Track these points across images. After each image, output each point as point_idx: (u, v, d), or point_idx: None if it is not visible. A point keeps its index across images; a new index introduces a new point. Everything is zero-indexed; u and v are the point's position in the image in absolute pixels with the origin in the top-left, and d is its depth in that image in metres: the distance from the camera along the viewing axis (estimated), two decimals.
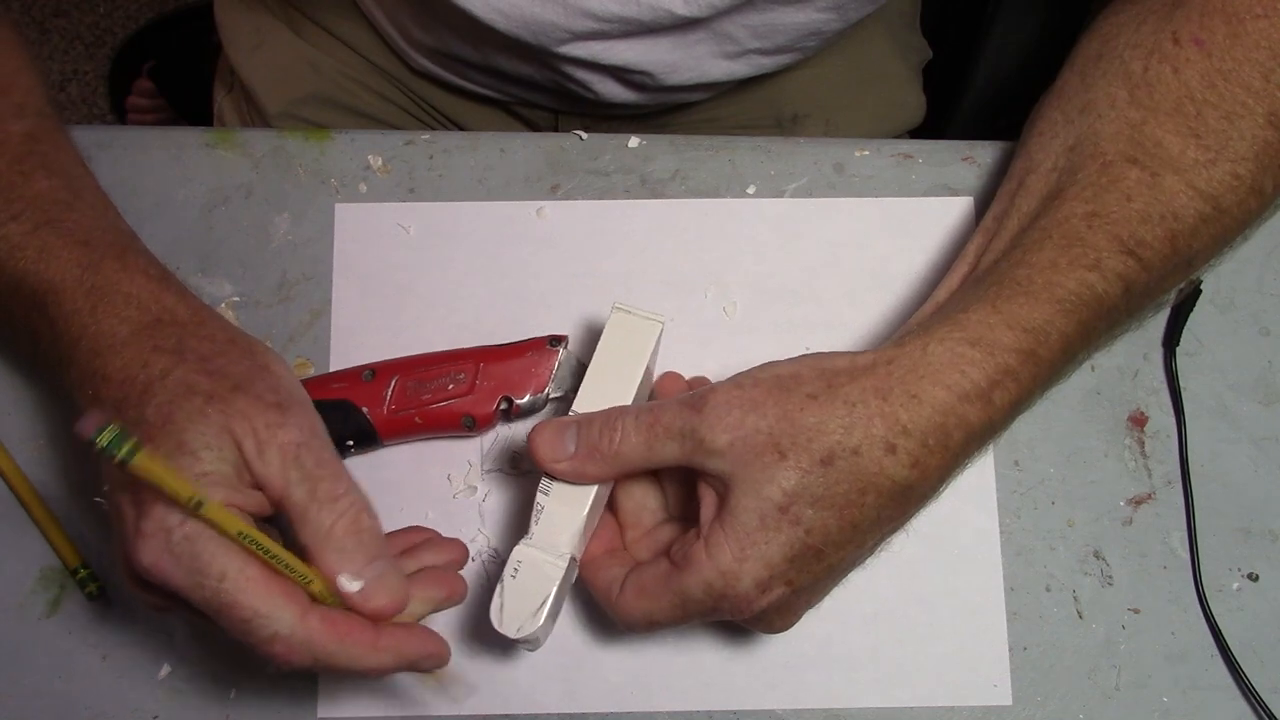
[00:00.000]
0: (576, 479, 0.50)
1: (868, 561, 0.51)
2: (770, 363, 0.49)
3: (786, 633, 0.57)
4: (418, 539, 0.55)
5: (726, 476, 0.46)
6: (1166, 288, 0.54)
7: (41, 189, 0.53)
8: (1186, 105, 0.52)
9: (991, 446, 0.60)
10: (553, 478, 0.51)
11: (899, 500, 0.47)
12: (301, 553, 0.46)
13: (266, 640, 0.45)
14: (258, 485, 0.46)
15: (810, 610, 0.51)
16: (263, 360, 0.50)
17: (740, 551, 0.46)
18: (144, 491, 0.45)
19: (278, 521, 0.49)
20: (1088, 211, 0.51)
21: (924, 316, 0.53)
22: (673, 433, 0.47)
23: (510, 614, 0.50)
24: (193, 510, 0.43)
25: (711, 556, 0.46)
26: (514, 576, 0.50)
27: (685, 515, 0.53)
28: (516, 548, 0.50)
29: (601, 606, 0.51)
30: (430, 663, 0.49)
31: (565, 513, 0.50)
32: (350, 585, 0.46)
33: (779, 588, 0.46)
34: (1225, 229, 0.53)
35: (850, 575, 0.50)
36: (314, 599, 0.46)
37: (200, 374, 0.47)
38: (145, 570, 0.45)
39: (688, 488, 0.52)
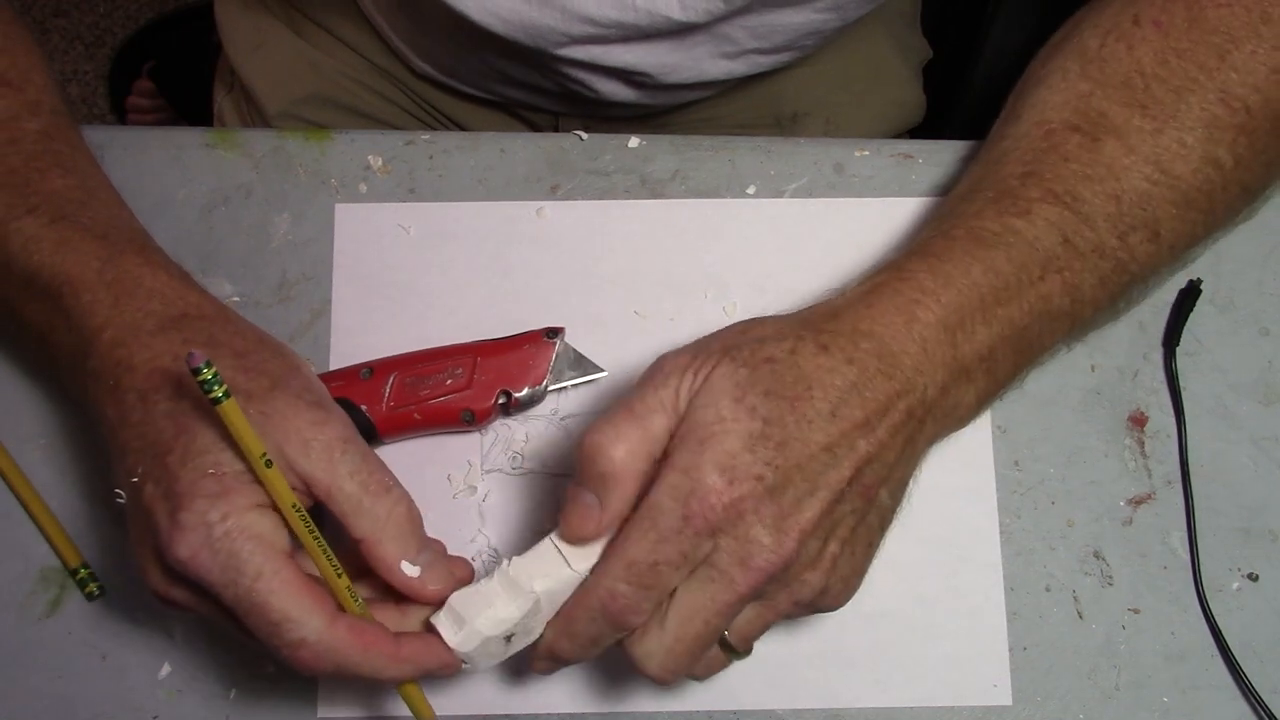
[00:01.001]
0: (619, 517, 0.48)
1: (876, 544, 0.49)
2: None
3: (787, 632, 0.57)
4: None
5: (689, 399, 0.47)
6: (1136, 255, 0.52)
7: (57, 186, 0.53)
8: (1135, 79, 0.53)
9: (992, 442, 0.60)
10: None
11: (849, 396, 0.46)
12: (348, 545, 0.47)
13: (293, 644, 0.45)
14: (303, 483, 0.47)
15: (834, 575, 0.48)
16: (293, 360, 0.50)
17: (698, 445, 0.45)
18: (179, 484, 0.45)
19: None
20: (1023, 172, 0.52)
21: None
22: (652, 406, 0.47)
23: (454, 617, 0.48)
24: (263, 467, 0.44)
25: (672, 462, 0.45)
26: (476, 588, 0.49)
27: None
28: (503, 563, 0.49)
29: (582, 617, 0.48)
30: (443, 672, 0.48)
31: (558, 563, 0.49)
32: (411, 570, 0.48)
33: (746, 481, 0.44)
34: (1185, 196, 0.52)
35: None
36: (337, 598, 0.47)
37: (238, 371, 0.48)
38: (182, 563, 0.45)
39: None
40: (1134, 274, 0.53)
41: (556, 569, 0.48)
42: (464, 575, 0.52)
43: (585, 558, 0.48)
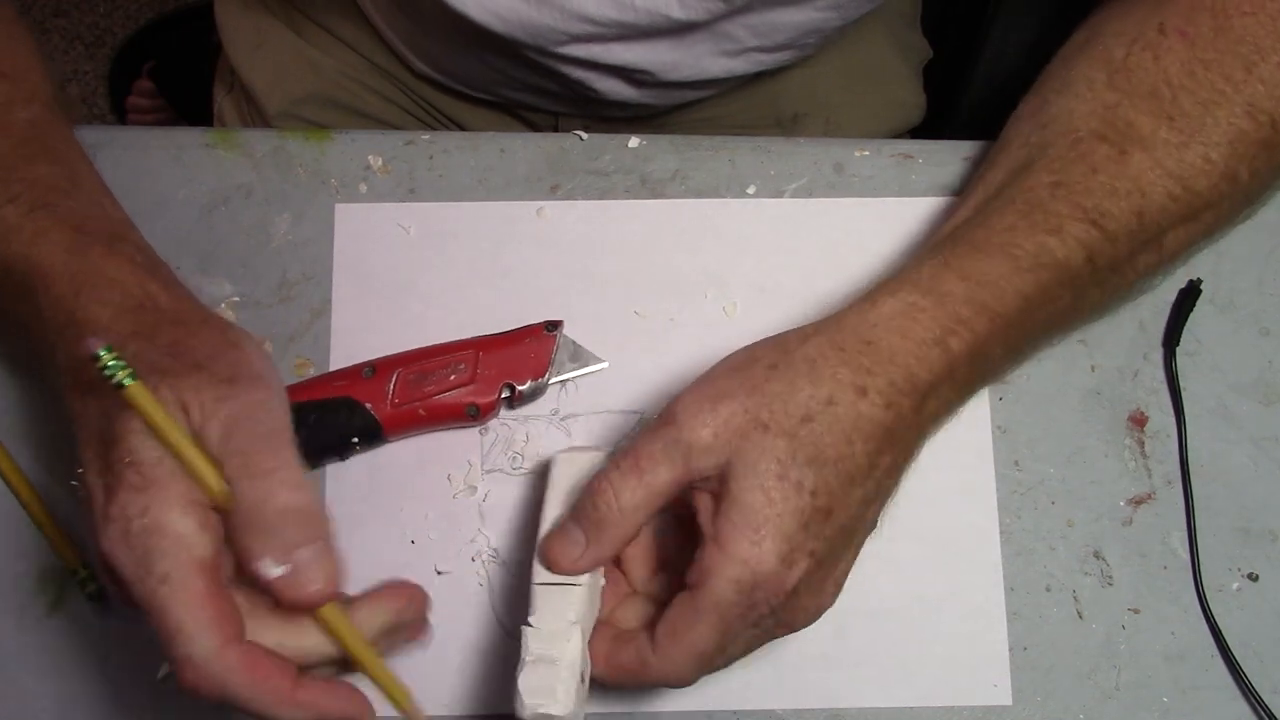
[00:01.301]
0: (602, 561, 0.49)
1: (869, 550, 0.50)
2: (725, 357, 0.49)
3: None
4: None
5: (719, 469, 0.46)
6: (1139, 267, 0.54)
7: (42, 173, 0.53)
8: (1163, 90, 0.53)
9: (992, 442, 0.60)
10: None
11: (884, 443, 0.47)
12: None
13: (180, 660, 0.43)
14: None
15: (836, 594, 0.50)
16: (233, 339, 0.48)
17: (754, 533, 0.45)
18: (111, 475, 0.44)
19: None
20: (1052, 182, 0.52)
21: (878, 281, 0.53)
22: (658, 457, 0.46)
23: (537, 694, 0.47)
24: (187, 449, 0.43)
25: (727, 551, 0.45)
26: (530, 660, 0.48)
27: (670, 564, 0.53)
28: (526, 631, 0.49)
29: (638, 684, 0.49)
30: None
31: (563, 590, 0.49)
32: (273, 570, 0.42)
33: (803, 560, 0.45)
34: (1196, 211, 0.53)
35: (853, 570, 0.50)
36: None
37: (166, 355, 0.46)
38: (104, 555, 0.44)
39: (669, 534, 0.52)
40: (1132, 283, 0.54)
41: (568, 596, 0.49)
42: (414, 597, 0.48)
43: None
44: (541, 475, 0.57)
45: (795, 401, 0.46)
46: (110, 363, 0.41)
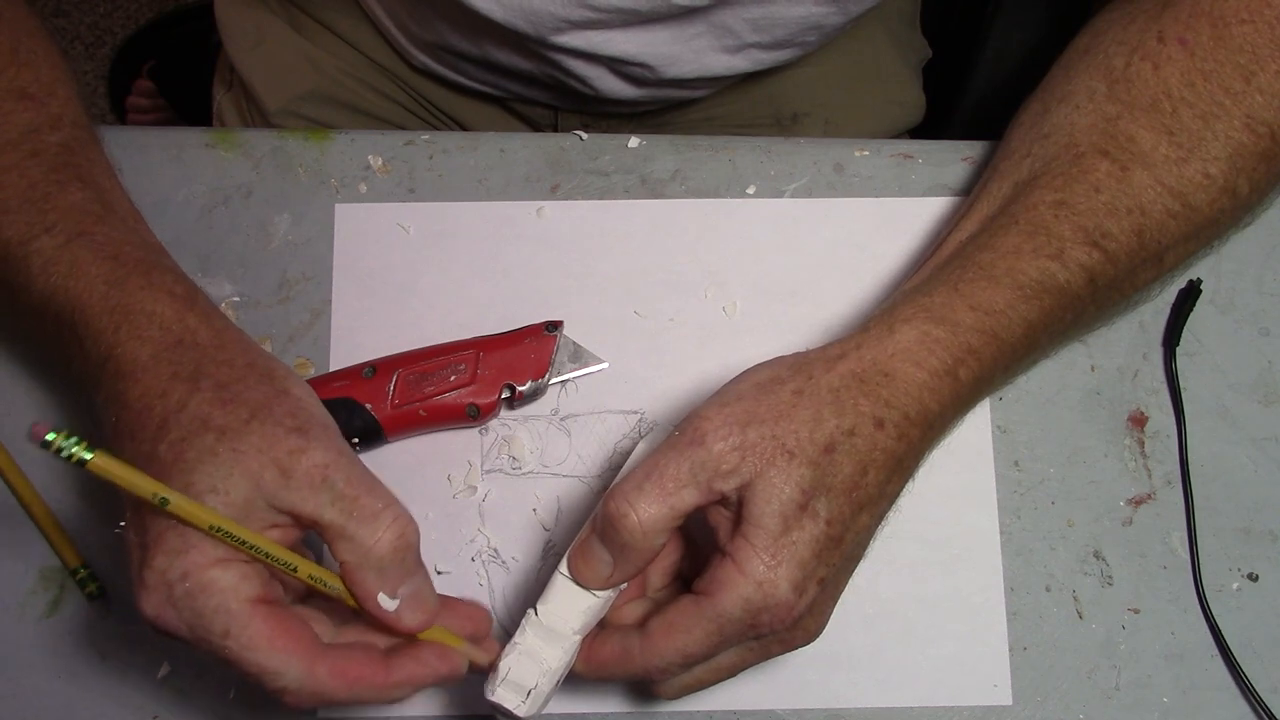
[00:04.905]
0: (628, 579, 0.49)
1: (869, 552, 0.51)
2: (744, 373, 0.49)
3: None
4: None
5: (740, 490, 0.46)
6: (1137, 283, 0.54)
7: (75, 200, 0.52)
8: (1163, 102, 0.53)
9: (992, 442, 0.60)
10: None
11: (893, 473, 0.48)
12: (338, 570, 0.47)
13: (277, 692, 0.45)
14: (287, 514, 0.46)
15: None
16: (282, 384, 0.48)
17: (772, 558, 0.45)
18: (148, 536, 0.44)
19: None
20: (1055, 200, 0.52)
21: (890, 303, 0.53)
22: (685, 480, 0.47)
23: (512, 687, 0.48)
24: (160, 507, 0.43)
25: (744, 570, 0.45)
26: (521, 649, 0.49)
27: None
28: (529, 615, 0.49)
29: (612, 676, 0.50)
30: (447, 682, 0.48)
31: (583, 593, 0.49)
32: (388, 604, 0.46)
33: (813, 587, 0.46)
34: (1195, 226, 0.53)
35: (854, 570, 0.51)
36: (311, 591, 0.46)
37: (215, 405, 0.46)
38: (149, 621, 0.45)
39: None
40: (1129, 297, 0.55)
41: (583, 601, 0.49)
42: (479, 620, 0.50)
43: None
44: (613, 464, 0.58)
45: (821, 431, 0.46)
46: (63, 444, 0.41)
